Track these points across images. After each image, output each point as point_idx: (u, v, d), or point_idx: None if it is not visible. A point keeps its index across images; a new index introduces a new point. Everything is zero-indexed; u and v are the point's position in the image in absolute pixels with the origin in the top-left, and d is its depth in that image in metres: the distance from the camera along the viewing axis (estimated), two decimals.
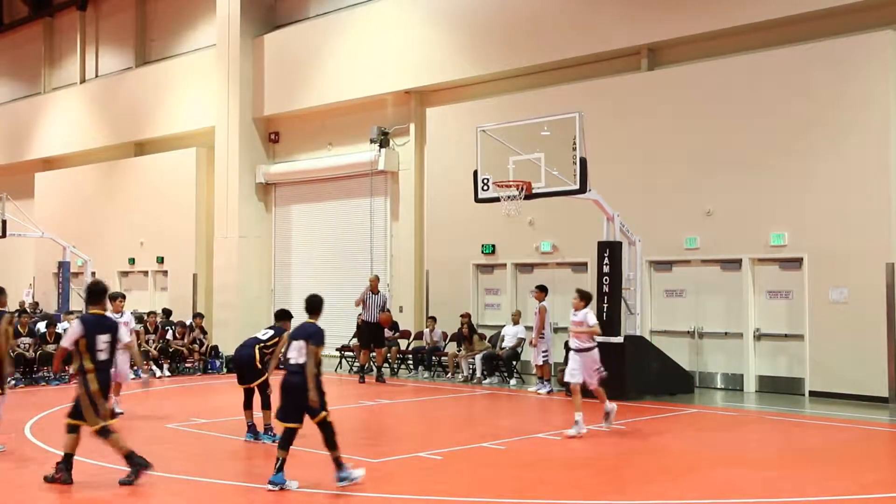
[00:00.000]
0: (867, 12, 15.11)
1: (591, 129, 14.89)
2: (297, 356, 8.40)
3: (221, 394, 16.17)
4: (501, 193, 15.08)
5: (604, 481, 9.09)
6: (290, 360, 8.46)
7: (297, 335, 8.58)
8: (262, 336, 11.03)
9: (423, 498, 8.16)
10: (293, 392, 8.34)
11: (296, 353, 8.43)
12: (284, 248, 24.16)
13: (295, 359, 8.42)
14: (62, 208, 29.16)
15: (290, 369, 8.44)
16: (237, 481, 8.95)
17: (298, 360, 8.38)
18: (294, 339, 8.59)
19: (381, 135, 21.29)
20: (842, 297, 14.78)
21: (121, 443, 8.63)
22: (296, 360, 8.40)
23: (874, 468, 9.86)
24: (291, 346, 8.54)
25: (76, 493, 8.50)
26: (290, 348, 8.54)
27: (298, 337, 8.54)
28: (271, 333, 11.05)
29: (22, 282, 30.95)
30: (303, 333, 8.54)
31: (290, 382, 8.40)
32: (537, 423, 12.32)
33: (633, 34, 17.41)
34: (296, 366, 8.39)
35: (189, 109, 25.97)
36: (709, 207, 16.29)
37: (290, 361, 8.47)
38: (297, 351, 8.44)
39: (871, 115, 14.69)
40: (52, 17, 31.95)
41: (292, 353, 8.47)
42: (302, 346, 8.40)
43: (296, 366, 8.39)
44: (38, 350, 17.57)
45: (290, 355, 8.50)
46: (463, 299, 19.19)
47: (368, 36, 21.67)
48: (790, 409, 13.98)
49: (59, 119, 30.78)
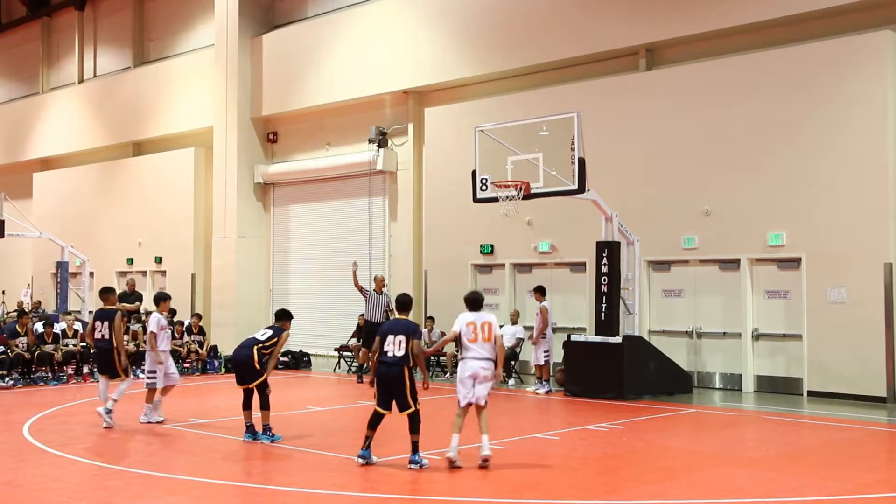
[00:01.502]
0: (865, 12, 15.12)
1: (590, 129, 14.91)
2: (396, 349, 9.05)
3: (220, 394, 16.16)
4: (500, 193, 15.09)
5: (602, 481, 9.09)
6: (388, 353, 9.09)
7: (396, 330, 9.21)
8: (261, 336, 11.04)
9: (422, 498, 8.17)
10: (386, 382, 9.13)
11: (393, 347, 9.08)
12: (283, 248, 24.16)
13: (392, 352, 9.06)
14: (60, 208, 29.14)
15: (388, 361, 9.10)
16: (235, 481, 8.95)
17: (396, 353, 9.05)
18: (391, 334, 9.20)
19: (380, 135, 21.29)
20: (840, 297, 14.79)
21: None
22: (393, 353, 9.05)
23: (872, 468, 9.87)
24: (388, 340, 9.16)
25: (76, 493, 8.50)
26: (386, 342, 9.15)
27: (397, 332, 9.18)
28: (270, 334, 11.06)
29: (20, 282, 30.93)
30: (402, 329, 9.20)
31: (383, 373, 9.15)
32: (536, 423, 12.32)
33: (631, 34, 17.42)
34: (393, 358, 9.06)
35: (187, 109, 25.96)
36: (707, 207, 16.30)
37: (387, 354, 9.10)
38: (394, 345, 9.08)
39: (869, 115, 14.71)
40: (49, 16, 31.94)
41: (389, 347, 9.11)
42: (402, 340, 9.07)
43: (393, 358, 9.06)
44: (36, 350, 17.56)
45: (386, 349, 9.13)
46: (461, 299, 19.13)
47: (367, 36, 21.67)
48: (788, 408, 13.99)
49: (58, 119, 30.76)
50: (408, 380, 9.18)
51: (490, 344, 9.47)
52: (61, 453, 10.21)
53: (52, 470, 9.46)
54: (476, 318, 9.61)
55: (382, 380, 9.26)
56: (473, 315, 9.63)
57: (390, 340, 9.17)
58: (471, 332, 9.52)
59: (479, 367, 9.45)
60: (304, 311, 23.48)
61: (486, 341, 9.48)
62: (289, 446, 10.71)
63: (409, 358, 9.19)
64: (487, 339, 9.48)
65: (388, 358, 9.14)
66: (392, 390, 9.18)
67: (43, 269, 29.17)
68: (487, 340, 9.48)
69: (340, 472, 9.39)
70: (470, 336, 9.51)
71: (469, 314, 9.66)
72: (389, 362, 9.12)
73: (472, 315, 9.63)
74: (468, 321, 9.59)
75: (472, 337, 9.50)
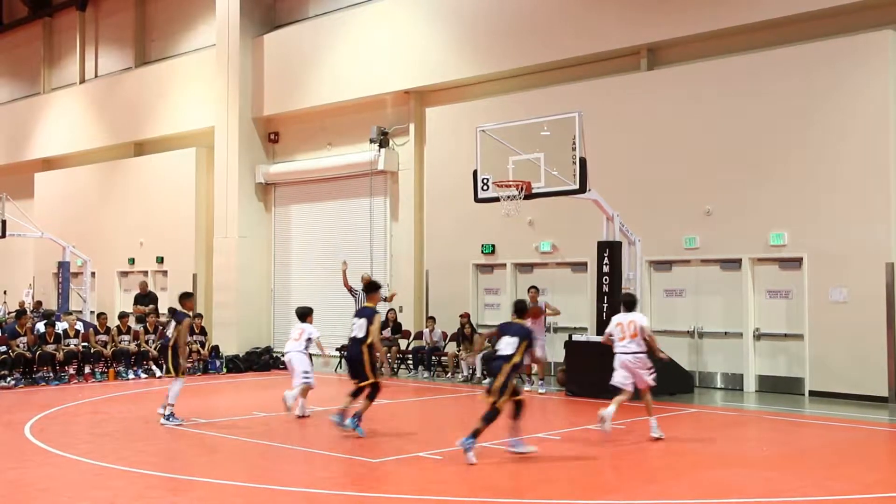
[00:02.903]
0: (866, 12, 15.11)
1: (591, 128, 14.90)
2: (507, 349, 9.98)
3: (221, 394, 16.17)
4: (501, 193, 15.08)
5: (603, 481, 9.09)
6: (499, 350, 10.03)
7: (512, 332, 10.11)
8: (360, 334, 11.21)
9: (423, 498, 8.16)
10: (493, 369, 10.04)
11: (506, 347, 10.01)
12: (284, 248, 24.16)
13: (503, 350, 9.99)
14: (62, 208, 29.15)
15: (499, 356, 10.00)
16: (237, 481, 8.95)
17: (506, 351, 9.95)
18: (505, 335, 10.11)
19: (381, 135, 21.29)
20: (841, 297, 14.79)
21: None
22: (503, 352, 9.96)
23: (874, 468, 9.87)
24: (503, 339, 10.08)
25: (78, 493, 8.50)
26: (501, 341, 10.08)
27: (514, 334, 10.08)
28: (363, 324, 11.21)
29: (22, 282, 30.94)
30: (517, 332, 10.10)
31: (493, 367, 10.07)
32: (538, 423, 12.31)
33: (632, 34, 17.41)
34: (503, 356, 9.94)
35: (189, 109, 25.97)
36: (708, 207, 16.30)
37: (498, 352, 10.04)
38: (508, 345, 10.00)
39: (870, 115, 14.70)
40: (51, 17, 31.95)
41: (502, 346, 10.05)
42: (515, 342, 9.97)
43: (503, 356, 9.94)
44: (38, 350, 17.58)
45: (499, 346, 10.08)
46: (462, 299, 19.19)
47: (368, 36, 21.67)
48: (790, 408, 13.98)
49: (59, 119, 30.77)
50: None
51: (637, 339, 11.06)
52: (63, 453, 10.22)
53: (54, 470, 9.47)
54: (624, 318, 11.26)
55: (492, 373, 10.20)
56: (623, 316, 11.31)
57: (504, 340, 10.13)
58: (619, 331, 11.20)
59: (627, 360, 11.11)
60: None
61: (633, 337, 11.07)
62: (290, 446, 10.71)
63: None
64: (634, 336, 11.07)
65: (499, 355, 10.07)
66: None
67: (44, 269, 29.18)
68: (634, 336, 11.07)
69: (341, 472, 9.40)
70: (619, 335, 11.19)
71: (621, 315, 11.35)
72: (501, 358, 10.01)
73: (622, 316, 11.31)
74: (618, 322, 11.31)
75: (621, 335, 11.18)
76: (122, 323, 19.12)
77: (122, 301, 26.79)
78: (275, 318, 24.08)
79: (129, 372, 18.48)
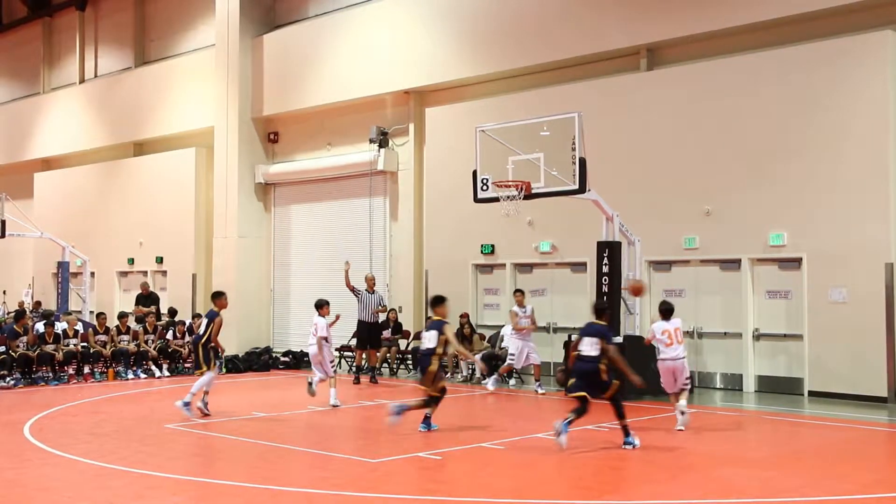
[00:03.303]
0: (865, 12, 15.12)
1: (591, 129, 14.91)
2: (590, 349, 10.54)
3: (221, 394, 16.16)
4: (501, 193, 15.09)
5: (603, 481, 9.09)
6: (583, 352, 10.59)
7: (592, 333, 10.70)
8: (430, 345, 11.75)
9: (423, 498, 8.17)
10: (586, 375, 10.58)
11: (588, 347, 10.56)
12: (284, 248, 24.16)
13: (587, 351, 10.57)
14: (61, 208, 29.15)
15: (585, 359, 10.59)
16: (236, 481, 8.95)
17: (591, 352, 10.54)
18: (587, 336, 10.68)
19: (381, 135, 21.28)
20: (841, 298, 14.79)
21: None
22: (588, 353, 10.56)
23: (873, 468, 9.87)
24: (583, 341, 10.65)
25: (77, 493, 8.50)
26: (582, 343, 10.65)
27: (594, 335, 10.66)
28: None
29: (21, 282, 30.96)
30: (596, 332, 10.71)
31: (582, 368, 10.60)
32: (537, 423, 12.32)
33: (632, 34, 17.42)
34: (588, 356, 10.55)
35: (188, 109, 25.96)
36: (708, 207, 16.30)
37: (582, 353, 10.61)
38: (590, 345, 10.56)
39: (869, 115, 14.71)
40: (51, 17, 31.94)
41: (584, 347, 10.60)
42: (596, 342, 10.53)
43: (588, 356, 10.55)
44: (37, 350, 17.58)
45: (582, 348, 10.63)
46: (462, 299, 19.18)
47: (368, 36, 21.67)
48: (789, 409, 13.99)
49: (59, 119, 30.77)
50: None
51: (683, 344, 11.93)
52: (62, 453, 10.23)
53: (53, 470, 9.47)
54: (669, 325, 11.91)
55: (580, 373, 10.71)
56: (667, 323, 11.91)
57: (586, 341, 10.67)
58: (667, 338, 11.85)
59: (677, 365, 11.82)
60: (304, 311, 23.45)
61: (680, 343, 11.87)
62: (290, 446, 10.72)
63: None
64: (681, 342, 11.89)
65: (584, 356, 10.64)
66: (590, 381, 10.60)
67: (44, 269, 29.18)
68: (681, 343, 11.88)
69: (341, 472, 9.41)
70: (666, 341, 11.85)
71: (662, 323, 11.94)
72: (586, 360, 10.61)
73: (665, 324, 11.91)
74: (664, 329, 11.90)
75: (669, 341, 11.84)
76: (122, 323, 19.13)
77: (121, 301, 26.80)
78: (274, 318, 24.08)
79: (128, 372, 18.48)
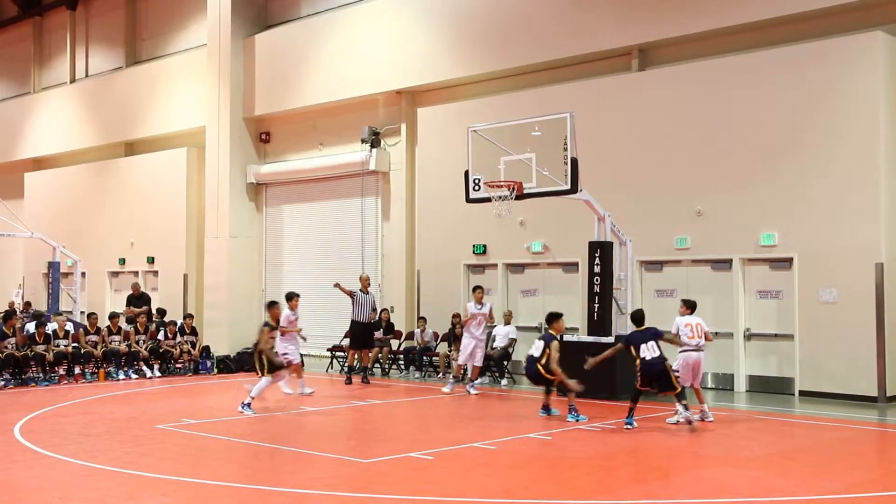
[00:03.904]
0: (857, 13, 15.18)
1: (582, 129, 14.92)
2: (652, 352, 11.79)
3: (212, 394, 16.14)
4: (493, 194, 15.10)
5: (594, 481, 9.10)
6: (645, 357, 11.80)
7: (649, 337, 11.91)
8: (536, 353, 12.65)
9: (414, 498, 8.16)
10: (652, 376, 11.84)
11: (651, 351, 11.78)
12: (275, 248, 24.13)
13: (649, 355, 11.77)
14: (52, 208, 29.06)
15: (652, 361, 11.80)
16: (228, 482, 8.94)
17: (654, 353, 11.79)
18: (648, 341, 11.87)
19: (373, 135, 21.28)
20: (831, 297, 14.84)
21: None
22: (651, 355, 11.77)
23: (863, 467, 9.90)
24: (648, 344, 11.84)
25: (68, 494, 8.48)
26: (647, 347, 11.82)
27: (652, 338, 11.90)
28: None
29: (11, 282, 30.85)
30: (653, 335, 11.97)
31: (650, 371, 11.81)
32: (529, 423, 12.33)
33: (623, 34, 17.45)
34: (654, 357, 11.80)
35: (180, 109, 25.92)
36: (699, 207, 16.34)
37: (645, 358, 11.80)
38: (651, 349, 11.79)
39: (860, 116, 14.76)
40: (41, 16, 31.84)
41: (645, 352, 11.79)
42: (654, 345, 11.83)
43: (654, 357, 11.80)
44: (28, 350, 17.51)
45: (644, 354, 11.79)
46: (454, 299, 19.18)
47: (360, 36, 21.66)
48: (780, 408, 14.03)
49: (49, 119, 30.66)
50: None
51: (702, 339, 12.63)
52: (53, 454, 10.19)
53: (44, 471, 9.44)
54: (692, 320, 12.68)
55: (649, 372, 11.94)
56: (690, 318, 12.68)
57: (648, 345, 11.89)
58: (689, 332, 12.56)
59: (700, 357, 12.55)
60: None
61: (700, 337, 12.60)
62: (281, 446, 10.70)
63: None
64: (700, 336, 12.61)
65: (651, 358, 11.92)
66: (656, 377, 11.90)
67: (34, 269, 29.08)
68: (700, 336, 12.61)
69: (333, 472, 9.40)
70: (689, 333, 12.55)
71: (686, 317, 12.70)
72: (653, 361, 11.88)
73: (688, 318, 12.68)
74: (686, 322, 12.66)
75: (690, 335, 12.54)
76: (113, 323, 19.07)
77: (112, 301, 26.74)
78: (266, 318, 24.00)
79: (119, 372, 18.43)
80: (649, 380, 11.87)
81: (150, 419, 12.78)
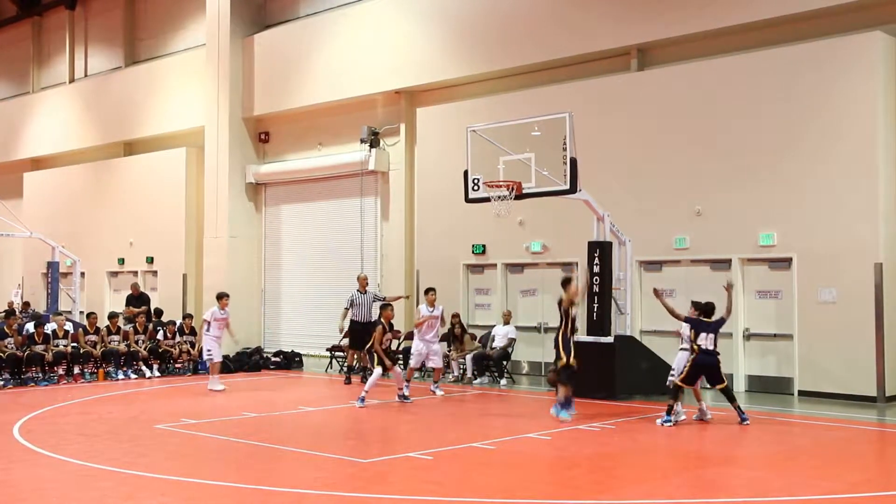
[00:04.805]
0: (856, 13, 15.18)
1: (581, 129, 14.92)
2: (709, 343, 12.20)
3: (211, 394, 16.13)
4: (492, 194, 15.09)
5: (593, 481, 9.10)
6: (702, 346, 12.21)
7: (709, 329, 12.30)
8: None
9: (414, 498, 8.16)
10: (705, 367, 12.26)
11: (707, 342, 12.20)
12: (274, 248, 24.12)
13: (706, 345, 12.19)
14: (51, 208, 29.03)
15: (706, 352, 12.22)
16: (227, 482, 8.93)
17: (709, 346, 12.20)
18: (708, 333, 12.26)
19: (372, 135, 21.27)
20: (830, 297, 14.84)
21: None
22: (706, 346, 12.19)
23: (862, 467, 9.91)
24: (708, 336, 12.26)
25: (67, 494, 8.48)
26: (706, 338, 12.24)
27: (710, 331, 12.28)
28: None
29: (10, 282, 30.83)
30: (715, 328, 12.36)
31: (705, 360, 12.23)
32: (528, 423, 12.33)
33: (622, 35, 17.45)
34: (707, 349, 12.20)
35: (178, 109, 25.90)
36: (698, 207, 16.34)
37: (702, 347, 12.22)
38: (707, 340, 12.21)
39: (858, 116, 14.76)
40: (40, 16, 31.81)
41: (703, 342, 12.21)
42: (713, 337, 12.27)
43: (707, 349, 12.20)
44: (27, 350, 17.50)
45: (701, 342, 12.22)
46: (453, 299, 19.18)
47: (359, 36, 21.65)
48: (779, 408, 14.03)
49: (48, 119, 30.64)
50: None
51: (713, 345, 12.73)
52: (52, 454, 10.19)
53: (43, 471, 9.44)
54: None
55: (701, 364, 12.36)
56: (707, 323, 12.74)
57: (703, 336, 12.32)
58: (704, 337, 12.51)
59: (713, 360, 12.46)
60: (295, 311, 23.48)
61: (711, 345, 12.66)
62: (280, 446, 10.70)
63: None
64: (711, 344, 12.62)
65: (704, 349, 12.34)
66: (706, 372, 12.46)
67: (33, 269, 29.07)
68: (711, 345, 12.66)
69: (332, 472, 9.40)
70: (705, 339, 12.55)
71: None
72: (706, 353, 12.33)
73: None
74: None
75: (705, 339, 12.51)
76: (112, 323, 19.06)
77: (111, 301, 26.72)
78: (265, 318, 24.05)
79: (118, 372, 18.42)
80: (699, 371, 12.22)
81: (150, 419, 12.78)
